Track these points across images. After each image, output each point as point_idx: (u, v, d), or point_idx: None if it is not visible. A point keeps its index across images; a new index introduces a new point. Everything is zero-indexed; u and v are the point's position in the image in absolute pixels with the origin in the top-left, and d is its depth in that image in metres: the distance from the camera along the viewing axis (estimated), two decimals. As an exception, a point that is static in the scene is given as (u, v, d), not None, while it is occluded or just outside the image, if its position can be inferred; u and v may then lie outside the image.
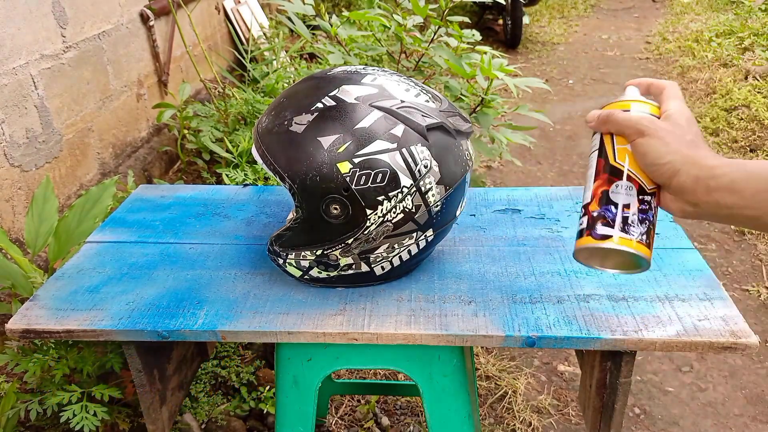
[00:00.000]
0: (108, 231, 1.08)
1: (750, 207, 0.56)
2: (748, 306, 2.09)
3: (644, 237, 0.63)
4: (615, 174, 0.65)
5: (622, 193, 0.64)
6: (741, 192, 0.57)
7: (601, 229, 0.63)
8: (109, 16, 2.17)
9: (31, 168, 1.75)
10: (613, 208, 0.64)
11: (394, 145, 0.79)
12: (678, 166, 0.60)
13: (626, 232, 0.63)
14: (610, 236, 0.63)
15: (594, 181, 0.66)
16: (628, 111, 0.66)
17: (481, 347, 1.87)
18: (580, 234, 0.66)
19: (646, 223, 0.63)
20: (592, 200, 0.66)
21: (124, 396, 1.27)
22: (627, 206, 0.63)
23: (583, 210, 0.66)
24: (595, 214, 0.64)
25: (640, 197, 0.63)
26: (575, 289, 0.89)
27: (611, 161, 0.65)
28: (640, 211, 0.63)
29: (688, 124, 0.62)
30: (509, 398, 1.71)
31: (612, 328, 0.81)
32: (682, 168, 0.60)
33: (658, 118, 0.64)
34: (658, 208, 0.65)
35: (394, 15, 1.88)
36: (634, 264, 0.66)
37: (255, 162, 1.88)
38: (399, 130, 0.80)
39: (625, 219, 0.63)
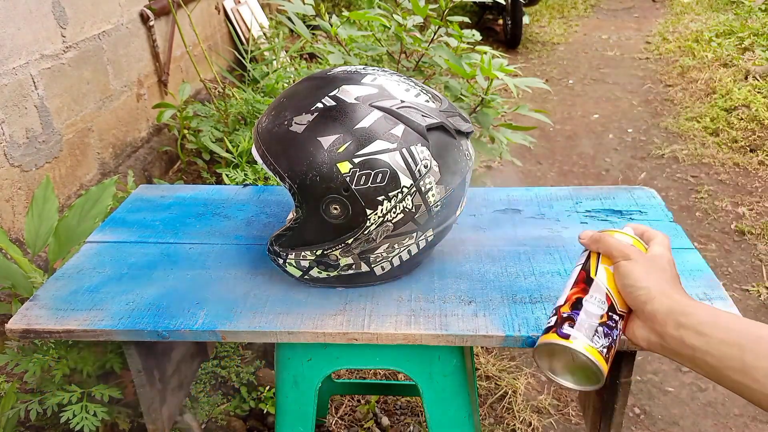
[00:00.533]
0: (108, 231, 1.08)
1: (711, 355, 0.57)
2: (748, 306, 2.09)
3: (605, 351, 0.65)
4: (592, 287, 0.68)
5: (595, 304, 0.67)
6: (707, 336, 0.58)
7: (567, 329, 0.66)
8: (109, 16, 2.17)
9: (31, 168, 1.75)
10: (583, 314, 0.66)
11: (394, 145, 0.79)
12: (654, 294, 0.63)
13: (590, 339, 0.65)
14: (575, 338, 0.65)
15: (571, 288, 0.70)
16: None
17: (481, 347, 1.87)
18: (546, 331, 0.68)
19: (609, 339, 0.65)
20: (564, 303, 0.69)
21: (124, 396, 1.27)
22: (597, 316, 0.66)
23: (554, 311, 0.69)
24: (564, 315, 0.67)
25: (610, 314, 0.66)
26: (575, 289, 0.89)
27: (592, 275, 0.69)
28: (607, 326, 0.66)
29: (669, 267, 0.66)
30: (509, 398, 1.71)
31: (612, 328, 0.81)
32: (657, 297, 0.62)
33: None
34: (622, 336, 0.68)
35: (394, 15, 1.88)
36: (589, 376, 0.67)
37: (255, 162, 1.89)
38: (399, 130, 0.80)
39: (591, 327, 0.65)
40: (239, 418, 1.57)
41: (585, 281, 0.69)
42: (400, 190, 0.80)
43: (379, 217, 0.81)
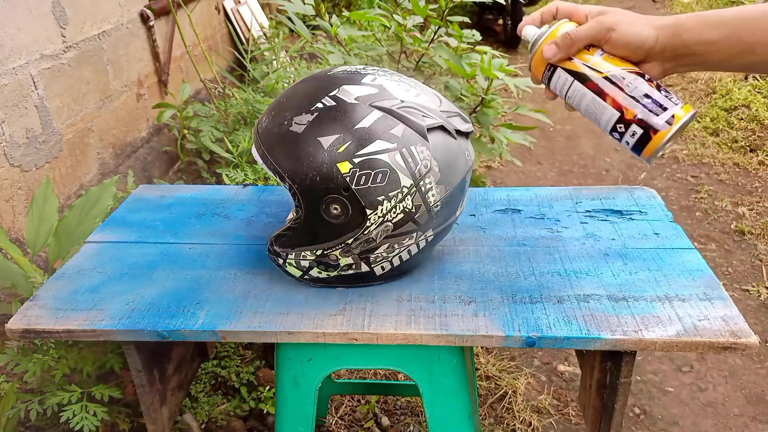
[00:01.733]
0: (108, 231, 1.08)
1: (719, 53, 0.67)
2: (748, 306, 2.09)
3: (678, 101, 0.69)
4: (616, 80, 0.69)
5: (638, 86, 0.69)
6: (712, 42, 0.67)
7: (660, 117, 0.68)
8: (109, 16, 2.17)
9: (31, 168, 1.75)
10: (646, 100, 0.68)
11: (394, 145, 0.79)
12: (655, 34, 0.68)
13: (676, 104, 0.68)
14: (674, 115, 0.68)
15: (604, 101, 0.70)
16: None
17: (481, 347, 1.87)
18: (643, 139, 0.69)
19: (668, 90, 0.69)
20: (622, 112, 0.69)
21: (124, 396, 1.27)
22: (650, 91, 0.68)
23: (623, 125, 0.70)
24: (639, 115, 0.69)
25: (646, 78, 0.69)
26: (575, 289, 0.89)
27: (601, 75, 0.70)
28: (658, 86, 0.69)
29: (617, 9, 0.72)
30: (509, 398, 1.71)
31: (612, 328, 0.81)
32: (659, 33, 0.68)
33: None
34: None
35: (394, 15, 1.88)
36: (687, 125, 0.70)
37: (255, 162, 1.88)
38: (399, 130, 0.80)
39: (663, 99, 0.68)
40: (239, 418, 1.57)
41: (605, 84, 0.70)
42: (400, 190, 0.80)
43: (379, 217, 0.81)
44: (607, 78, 0.69)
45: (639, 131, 0.68)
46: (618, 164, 3.16)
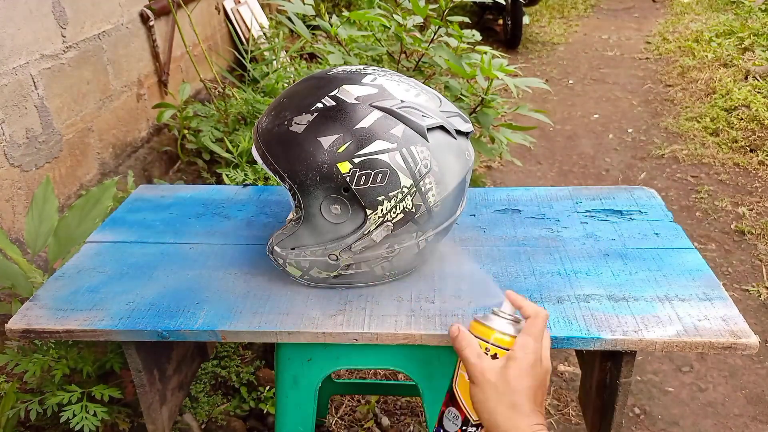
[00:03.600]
0: (108, 231, 1.08)
1: None
2: (748, 306, 2.09)
3: None
4: (451, 398, 0.69)
5: (451, 420, 0.68)
6: None
7: None
8: (109, 16, 2.17)
9: (31, 168, 1.75)
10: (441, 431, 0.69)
11: (394, 145, 0.79)
12: (491, 422, 0.64)
13: None
14: None
15: (444, 397, 0.72)
16: (483, 341, 0.68)
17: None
18: None
19: None
20: (439, 415, 0.71)
21: (124, 396, 1.27)
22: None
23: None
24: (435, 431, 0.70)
25: (463, 428, 0.67)
26: (575, 289, 0.89)
27: (453, 383, 0.70)
28: None
29: (520, 376, 0.65)
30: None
31: (612, 328, 0.81)
32: (503, 427, 0.64)
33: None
34: None
35: (394, 15, 1.88)
36: None
37: (255, 162, 1.88)
38: (399, 130, 0.80)
39: None
40: (239, 418, 1.57)
41: (449, 390, 0.70)
42: (400, 190, 0.80)
43: (379, 217, 0.81)
44: (451, 390, 0.70)
45: None
46: (618, 164, 3.16)
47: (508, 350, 0.66)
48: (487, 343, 0.67)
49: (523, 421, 0.63)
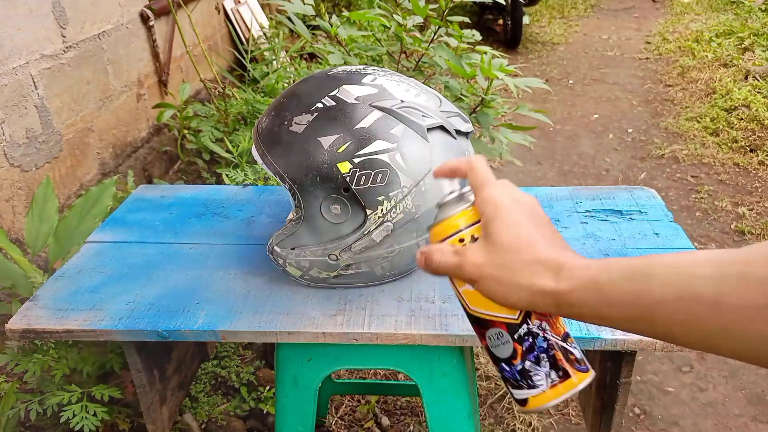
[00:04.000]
0: (108, 231, 1.08)
1: (617, 325, 0.46)
2: (748, 306, 2.09)
3: (554, 374, 0.50)
4: (479, 324, 0.53)
5: (500, 345, 0.52)
6: (604, 318, 0.46)
7: (515, 393, 0.52)
8: (109, 16, 2.17)
9: (31, 168, 1.75)
10: (504, 365, 0.52)
11: (394, 145, 0.79)
12: (529, 299, 0.48)
13: (534, 387, 0.51)
14: (526, 399, 0.51)
15: (477, 336, 0.55)
16: (452, 236, 0.53)
17: (481, 347, 1.86)
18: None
19: (545, 359, 0.50)
20: (489, 358, 0.55)
21: (124, 396, 1.27)
22: (513, 357, 0.51)
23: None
24: (501, 375, 0.53)
25: (516, 336, 0.50)
26: (575, 289, 0.89)
27: (467, 309, 0.54)
28: (528, 351, 0.50)
29: (511, 229, 0.49)
30: (509, 398, 1.71)
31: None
32: (534, 300, 0.48)
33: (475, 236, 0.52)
34: (546, 318, 0.51)
35: (394, 15, 1.88)
36: (575, 394, 0.52)
37: (255, 162, 1.88)
38: (399, 130, 0.80)
39: (522, 373, 0.51)
40: (239, 418, 1.57)
41: (472, 321, 0.54)
42: (400, 190, 0.80)
43: (379, 217, 0.81)
44: (472, 316, 0.53)
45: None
46: (618, 164, 3.16)
47: (478, 221, 0.52)
48: (455, 235, 0.53)
49: (551, 272, 0.47)
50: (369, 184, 0.79)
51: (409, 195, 0.81)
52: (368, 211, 0.81)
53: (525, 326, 0.51)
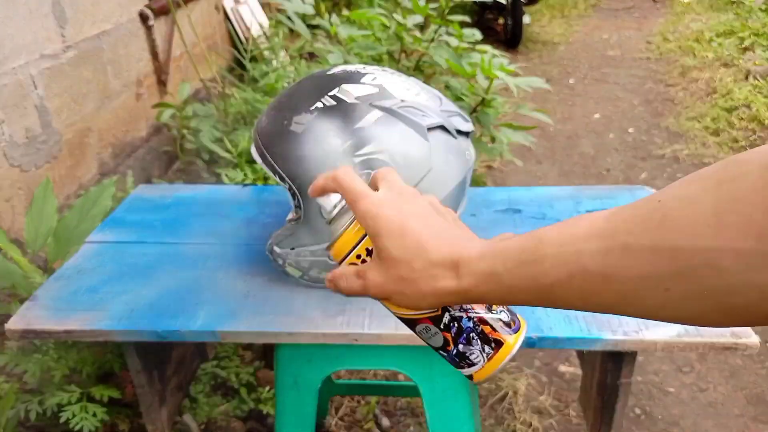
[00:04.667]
0: (108, 231, 1.08)
1: (518, 303, 0.46)
2: (748, 306, 2.08)
3: (488, 348, 0.51)
4: (408, 323, 0.54)
5: (431, 337, 0.53)
6: (504, 300, 0.47)
7: (462, 372, 0.54)
8: (109, 16, 2.17)
9: (31, 168, 1.75)
10: (442, 352, 0.54)
11: (395, 145, 0.79)
12: (438, 302, 0.48)
13: (472, 365, 0.52)
14: (471, 375, 0.53)
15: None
16: (348, 255, 0.52)
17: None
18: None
19: (475, 337, 0.51)
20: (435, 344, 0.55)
21: (124, 396, 1.27)
22: (447, 344, 0.52)
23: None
24: (448, 360, 0.55)
25: (442, 326, 0.52)
26: (576, 290, 0.89)
27: (395, 315, 0.54)
28: (456, 334, 0.51)
29: (395, 244, 0.47)
30: (510, 399, 1.71)
31: (613, 328, 0.81)
32: (444, 300, 0.47)
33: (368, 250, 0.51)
34: (471, 308, 0.51)
35: (394, 14, 1.88)
36: (515, 355, 0.53)
37: (255, 162, 1.88)
38: (399, 129, 0.79)
39: (459, 356, 0.52)
40: (239, 419, 1.56)
41: (403, 321, 0.55)
42: (400, 190, 0.80)
43: (379, 217, 0.81)
44: (400, 318, 0.54)
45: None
46: (619, 164, 3.16)
47: (365, 235, 0.51)
48: (350, 253, 0.52)
49: (447, 262, 0.45)
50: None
51: (410, 195, 0.80)
52: (368, 211, 0.80)
53: (447, 315, 0.51)
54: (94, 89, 2.08)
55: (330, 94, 0.81)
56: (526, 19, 4.99)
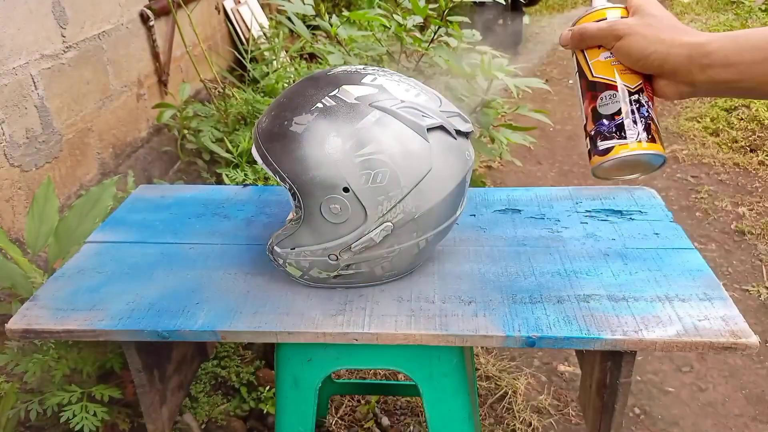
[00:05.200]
0: (108, 231, 1.08)
1: (746, 80, 0.58)
2: (748, 306, 2.09)
3: (644, 134, 0.65)
4: (596, 89, 0.68)
5: (609, 104, 0.67)
6: (736, 66, 0.58)
7: (601, 144, 0.67)
8: (109, 16, 2.17)
9: (31, 168, 1.75)
10: (605, 120, 0.66)
11: (394, 145, 0.79)
12: (665, 51, 0.62)
13: (624, 138, 0.65)
14: (611, 147, 0.66)
15: (583, 102, 0.70)
16: (603, 19, 0.69)
17: (481, 347, 1.86)
18: (589, 156, 0.70)
19: (642, 119, 0.65)
20: (586, 120, 0.70)
21: (124, 396, 1.27)
22: (617, 113, 0.66)
23: (584, 132, 0.70)
24: (592, 132, 0.68)
25: (628, 100, 0.66)
26: (575, 289, 0.89)
27: (589, 77, 0.69)
28: (633, 112, 0.65)
29: (659, 10, 0.64)
30: (509, 398, 1.71)
31: (612, 328, 0.81)
32: (670, 51, 0.61)
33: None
34: (653, 100, 0.67)
35: (394, 15, 1.88)
36: (648, 163, 0.68)
37: (255, 162, 1.88)
38: (399, 129, 0.80)
39: (619, 126, 0.65)
40: (239, 419, 1.57)
41: (589, 87, 0.69)
42: (400, 190, 0.80)
43: (378, 217, 0.81)
44: (592, 82, 0.68)
45: (588, 144, 0.69)
46: (618, 164, 3.16)
47: (625, 17, 0.67)
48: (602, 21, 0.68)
49: (694, 32, 0.61)
50: (369, 183, 0.79)
51: (409, 195, 0.81)
52: (368, 211, 0.81)
53: (637, 95, 0.65)
54: (95, 89, 2.08)
55: (330, 94, 0.81)
56: (525, 19, 4.99)
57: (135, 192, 1.23)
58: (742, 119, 3.42)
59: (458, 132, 0.84)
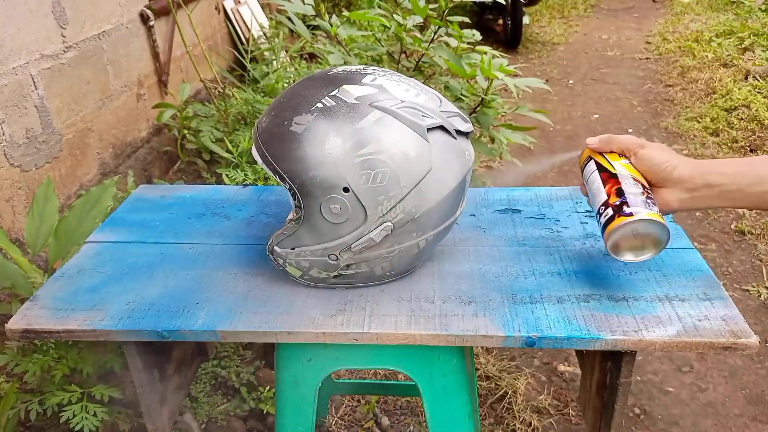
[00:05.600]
0: (108, 231, 1.08)
1: (734, 183, 0.78)
2: (748, 306, 2.09)
3: (660, 213, 0.79)
4: (621, 176, 0.83)
5: (631, 185, 0.81)
6: (727, 173, 0.79)
7: (626, 209, 0.79)
8: (109, 16, 2.17)
9: (31, 168, 1.75)
10: (630, 194, 0.80)
11: (394, 145, 0.79)
12: (676, 163, 0.81)
13: (648, 208, 0.78)
14: (637, 212, 0.78)
15: (604, 187, 0.84)
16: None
17: (481, 347, 1.87)
18: (609, 221, 0.80)
19: (656, 206, 0.80)
20: (609, 197, 0.82)
21: (124, 396, 1.27)
22: (640, 192, 0.80)
23: (603, 206, 0.82)
24: (617, 203, 0.80)
25: (645, 189, 0.81)
26: (575, 289, 0.89)
27: (613, 170, 0.84)
28: (650, 197, 0.80)
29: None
30: (509, 398, 1.71)
31: (612, 328, 0.81)
32: (680, 164, 0.81)
33: None
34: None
35: (394, 15, 1.88)
36: (656, 239, 0.80)
37: (255, 162, 1.88)
38: (399, 129, 0.80)
39: (642, 200, 0.79)
40: (239, 419, 1.57)
41: (611, 177, 0.83)
42: (400, 190, 0.80)
43: (378, 217, 0.81)
44: (615, 174, 0.83)
45: (610, 213, 0.80)
46: (618, 164, 3.16)
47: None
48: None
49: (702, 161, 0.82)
50: (369, 184, 0.79)
51: (409, 195, 0.81)
52: (368, 211, 0.81)
53: (649, 190, 0.82)
54: (95, 89, 2.08)
55: (330, 94, 0.81)
56: (525, 19, 4.99)
57: (135, 192, 1.23)
58: (742, 119, 3.42)
59: (458, 132, 0.84)
